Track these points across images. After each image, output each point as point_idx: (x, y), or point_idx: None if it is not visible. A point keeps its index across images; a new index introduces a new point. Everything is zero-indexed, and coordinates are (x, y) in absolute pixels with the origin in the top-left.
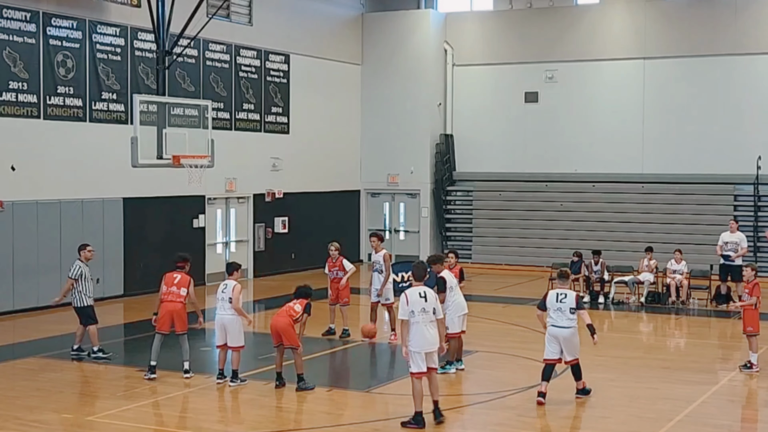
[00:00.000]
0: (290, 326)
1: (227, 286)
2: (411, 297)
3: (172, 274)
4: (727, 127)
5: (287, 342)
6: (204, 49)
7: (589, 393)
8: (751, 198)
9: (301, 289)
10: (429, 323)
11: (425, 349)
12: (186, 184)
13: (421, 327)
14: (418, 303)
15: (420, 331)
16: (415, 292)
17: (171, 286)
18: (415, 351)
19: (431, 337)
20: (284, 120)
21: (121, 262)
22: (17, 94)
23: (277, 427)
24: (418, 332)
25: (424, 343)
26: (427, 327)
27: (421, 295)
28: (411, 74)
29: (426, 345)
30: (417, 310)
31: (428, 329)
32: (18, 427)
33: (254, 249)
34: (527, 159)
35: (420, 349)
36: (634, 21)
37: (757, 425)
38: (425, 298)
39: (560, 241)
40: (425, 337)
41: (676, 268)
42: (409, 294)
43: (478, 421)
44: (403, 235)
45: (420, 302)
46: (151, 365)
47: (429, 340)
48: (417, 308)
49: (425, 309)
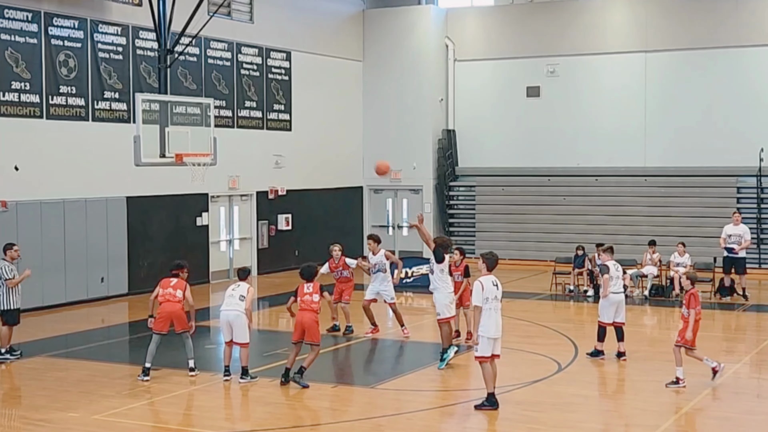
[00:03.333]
0: (316, 322)
1: (240, 286)
2: (486, 285)
3: (168, 279)
4: (730, 119)
5: (309, 338)
6: (205, 47)
7: (624, 356)
8: (754, 190)
9: (306, 270)
10: (498, 311)
11: (495, 335)
12: (189, 182)
13: (493, 314)
14: (491, 291)
15: (492, 317)
16: (488, 281)
17: (167, 288)
18: (487, 336)
19: (500, 324)
20: (286, 117)
21: (125, 261)
22: (20, 95)
23: (283, 424)
24: (490, 319)
25: (496, 329)
26: (498, 314)
27: (494, 283)
28: (412, 70)
29: (497, 331)
30: (491, 297)
31: (498, 316)
32: (24, 426)
33: (257, 246)
34: (529, 154)
35: (491, 335)
36: (635, 14)
37: (761, 417)
38: (497, 286)
39: (563, 236)
40: (497, 323)
41: (680, 261)
42: (484, 282)
43: (484, 416)
44: (406, 231)
45: (493, 290)
46: (146, 367)
47: (499, 326)
48: (491, 296)
49: (497, 297)
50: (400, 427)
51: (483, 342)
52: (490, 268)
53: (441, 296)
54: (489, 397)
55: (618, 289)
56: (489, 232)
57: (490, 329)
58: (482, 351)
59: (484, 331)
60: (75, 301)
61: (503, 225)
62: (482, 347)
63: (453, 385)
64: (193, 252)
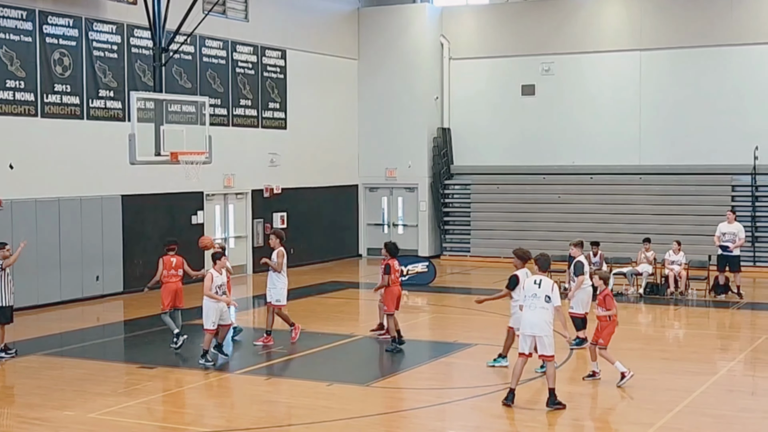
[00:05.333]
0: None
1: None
2: (527, 283)
3: (169, 258)
4: (725, 117)
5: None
6: (200, 45)
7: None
8: (749, 188)
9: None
10: (539, 309)
11: (524, 332)
12: (184, 180)
13: (527, 311)
14: (531, 289)
15: (525, 314)
16: (530, 279)
17: (170, 269)
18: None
19: (535, 322)
20: (281, 115)
21: (120, 260)
22: (14, 93)
23: (279, 422)
24: (524, 315)
25: (525, 326)
26: (533, 311)
27: (536, 282)
28: (408, 68)
29: (524, 328)
30: (529, 295)
31: (533, 313)
32: (19, 424)
33: (253, 245)
34: (525, 152)
35: (522, 331)
36: (630, 13)
37: (756, 415)
38: (539, 285)
39: (558, 234)
40: (529, 320)
41: (675, 259)
42: (526, 280)
43: (479, 414)
44: (401, 229)
45: (533, 288)
46: (176, 332)
47: (533, 324)
48: (529, 293)
49: (536, 295)
50: (396, 425)
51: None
52: (542, 268)
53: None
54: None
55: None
56: (484, 230)
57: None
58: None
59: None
60: (70, 299)
61: (498, 223)
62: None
63: (449, 383)
64: (188, 250)
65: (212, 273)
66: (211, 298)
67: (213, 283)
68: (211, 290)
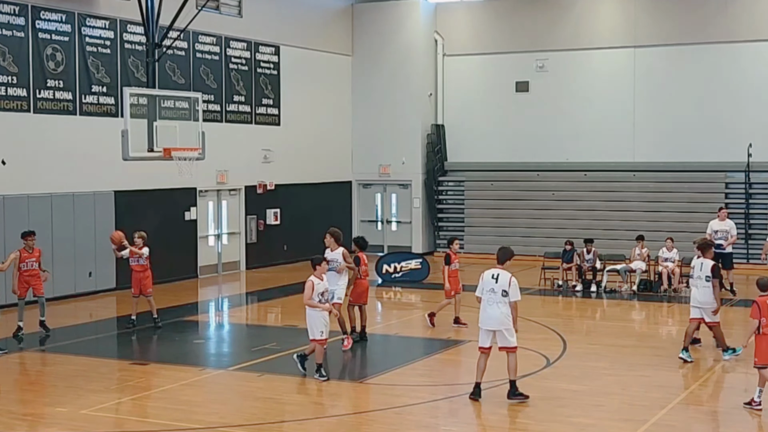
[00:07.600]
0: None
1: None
2: (485, 277)
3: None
4: (718, 114)
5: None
6: (194, 41)
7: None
8: (743, 186)
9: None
10: (496, 303)
11: (481, 326)
12: (177, 176)
13: (486, 306)
14: (488, 283)
15: (485, 309)
16: (488, 273)
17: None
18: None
19: (494, 316)
20: (275, 112)
21: (112, 256)
22: (6, 88)
23: (272, 419)
24: (483, 310)
25: (482, 321)
26: (491, 306)
27: (494, 276)
28: (401, 65)
29: (482, 323)
30: (487, 289)
31: (492, 308)
32: (11, 420)
33: (246, 241)
34: (518, 149)
35: (481, 326)
36: (624, 9)
37: (749, 412)
38: (497, 279)
39: (552, 230)
40: (488, 315)
41: (668, 256)
42: (484, 274)
43: (473, 410)
44: (395, 226)
45: (491, 282)
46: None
47: (491, 318)
48: (487, 287)
49: (494, 289)
50: (389, 421)
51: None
52: (499, 261)
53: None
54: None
55: None
56: (478, 227)
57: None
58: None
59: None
60: (63, 295)
61: (492, 220)
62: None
63: (442, 380)
64: (181, 247)
65: (312, 280)
66: (312, 307)
67: (314, 291)
68: (312, 299)
